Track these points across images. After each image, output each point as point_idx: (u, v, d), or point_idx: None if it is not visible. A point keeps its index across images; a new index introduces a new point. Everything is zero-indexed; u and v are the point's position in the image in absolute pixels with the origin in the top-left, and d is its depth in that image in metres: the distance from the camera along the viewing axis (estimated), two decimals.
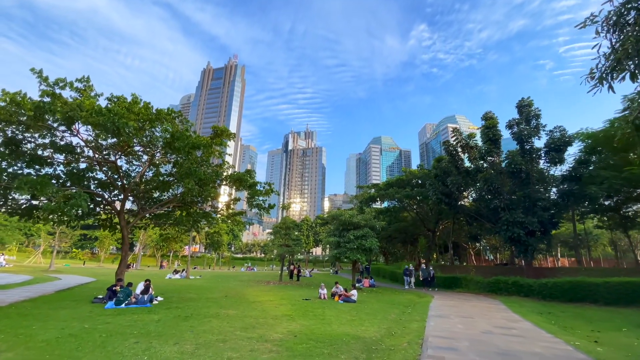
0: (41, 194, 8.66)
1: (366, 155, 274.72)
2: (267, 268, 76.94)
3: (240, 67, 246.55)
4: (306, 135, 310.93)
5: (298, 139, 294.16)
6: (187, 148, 11.46)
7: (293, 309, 12.93)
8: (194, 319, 10.01)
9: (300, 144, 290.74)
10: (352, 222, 21.73)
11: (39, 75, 9.61)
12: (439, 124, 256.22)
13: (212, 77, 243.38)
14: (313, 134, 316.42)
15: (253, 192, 14.63)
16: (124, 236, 14.61)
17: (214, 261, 74.99)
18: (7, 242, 47.47)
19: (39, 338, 6.88)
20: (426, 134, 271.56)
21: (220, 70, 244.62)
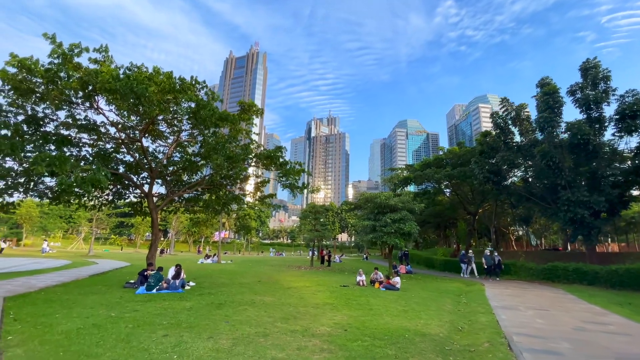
0: (59, 170, 7.83)
1: (391, 139, 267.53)
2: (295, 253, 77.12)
3: (262, 55, 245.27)
4: (329, 121, 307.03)
5: (321, 125, 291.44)
6: (213, 119, 10.35)
7: (332, 296, 11.78)
8: (228, 307, 9.05)
9: (323, 130, 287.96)
10: (388, 204, 20.08)
11: (52, 42, 8.74)
12: (469, 105, 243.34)
13: (234, 67, 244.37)
14: (336, 120, 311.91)
15: (285, 171, 13.41)
16: (153, 219, 13.99)
17: (243, 247, 76.19)
18: (50, 230, 50.27)
19: (58, 329, 6.06)
20: (455, 116, 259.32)
21: (243, 59, 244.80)
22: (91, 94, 10.24)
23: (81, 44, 9.09)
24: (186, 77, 11.16)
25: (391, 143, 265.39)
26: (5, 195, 11.82)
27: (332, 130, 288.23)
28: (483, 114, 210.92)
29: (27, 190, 12.41)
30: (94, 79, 9.02)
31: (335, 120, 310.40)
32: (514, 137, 21.79)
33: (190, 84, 10.83)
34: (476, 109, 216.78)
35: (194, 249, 69.07)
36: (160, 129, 15.05)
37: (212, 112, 10.21)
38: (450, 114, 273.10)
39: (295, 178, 13.91)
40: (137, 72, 9.63)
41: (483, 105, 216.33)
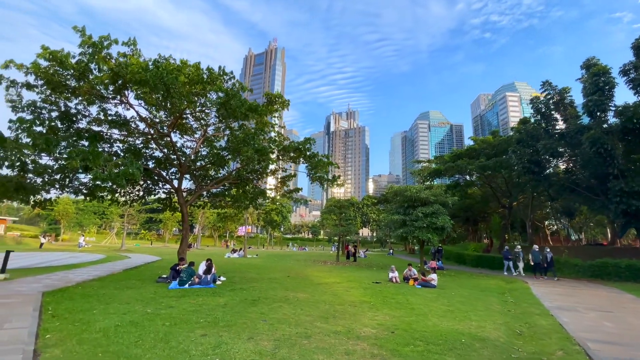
0: (93, 164, 7.72)
1: (412, 132, 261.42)
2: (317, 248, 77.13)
3: (280, 50, 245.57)
4: (348, 115, 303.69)
5: (340, 119, 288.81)
6: (243, 109, 9.99)
7: (367, 293, 11.25)
8: (263, 304, 8.72)
9: (342, 124, 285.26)
10: (419, 197, 19.21)
11: (82, 34, 8.64)
12: (495, 94, 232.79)
13: (253, 64, 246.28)
14: (355, 114, 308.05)
15: (314, 163, 12.91)
16: (184, 214, 13.96)
17: (267, 241, 77.06)
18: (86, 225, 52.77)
19: (96, 326, 5.88)
20: (480, 106, 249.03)
21: (261, 56, 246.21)
22: (121, 88, 10.16)
23: (110, 36, 8.96)
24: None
25: (412, 136, 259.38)
26: (43, 192, 12.06)
27: (351, 124, 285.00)
28: (511, 102, 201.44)
29: (62, 186, 12.63)
30: (124, 69, 8.88)
31: (355, 114, 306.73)
32: (557, 123, 20.15)
33: (217, 75, 10.53)
34: (503, 98, 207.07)
35: (220, 243, 70.58)
36: (187, 124, 14.98)
37: (242, 102, 9.84)
38: (474, 104, 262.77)
39: (325, 170, 13.40)
40: (165, 63, 9.41)
41: (510, 94, 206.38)
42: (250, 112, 10.42)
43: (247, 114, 10.43)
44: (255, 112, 10.64)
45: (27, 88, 9.62)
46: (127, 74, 8.90)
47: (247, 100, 10.36)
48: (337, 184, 14.04)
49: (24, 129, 8.19)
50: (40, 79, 9.19)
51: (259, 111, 10.81)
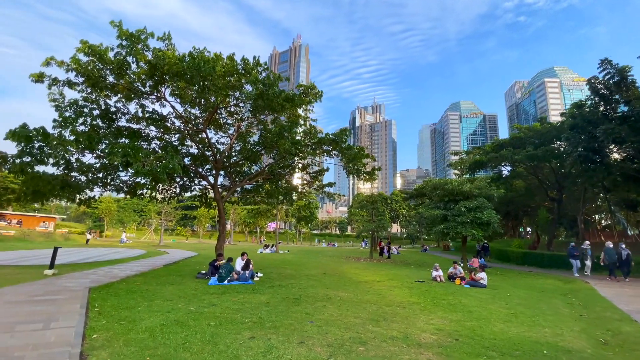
0: (134, 159, 7.62)
1: (442, 124, 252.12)
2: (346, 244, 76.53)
3: (304, 47, 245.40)
4: (373, 109, 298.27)
5: (365, 114, 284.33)
6: (280, 99, 9.57)
7: (413, 293, 10.51)
8: (305, 303, 8.29)
9: (368, 119, 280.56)
10: (461, 191, 18.00)
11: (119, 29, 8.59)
12: (532, 80, 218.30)
13: (278, 62, 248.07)
14: (381, 107, 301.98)
15: (352, 155, 12.27)
16: (220, 210, 13.90)
17: (296, 237, 77.59)
18: (126, 222, 55.69)
19: (142, 325, 5.68)
20: (515, 94, 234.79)
21: (286, 53, 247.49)
22: (158, 83, 10.11)
23: (146, 29, 8.86)
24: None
25: (442, 128, 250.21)
26: (87, 190, 12.40)
27: (377, 118, 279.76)
28: (550, 89, 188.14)
29: (105, 184, 12.95)
30: (162, 61, 8.75)
31: (380, 108, 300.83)
32: (618, 106, 18.02)
33: (252, 66, 10.18)
34: (541, 85, 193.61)
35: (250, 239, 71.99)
36: (220, 121, 14.91)
37: (279, 92, 9.44)
38: (509, 92, 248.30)
39: (362, 163, 12.73)
40: (201, 54, 9.19)
41: (550, 80, 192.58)
42: (286, 102, 9.98)
43: (284, 104, 10.00)
44: (291, 102, 10.19)
45: (69, 86, 9.81)
46: (164, 66, 8.76)
47: (284, 90, 9.94)
48: (374, 177, 13.30)
49: (66, 125, 8.29)
50: (80, 75, 9.32)
51: (295, 101, 10.35)
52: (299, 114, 13.92)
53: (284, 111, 10.58)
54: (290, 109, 10.80)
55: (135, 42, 8.49)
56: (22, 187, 9.71)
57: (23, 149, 7.14)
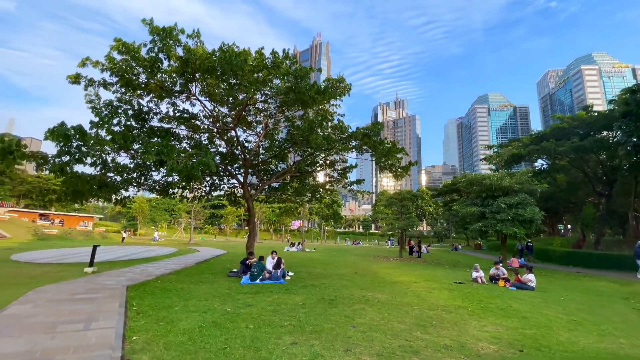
0: (167, 158, 7.53)
1: (469, 118, 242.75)
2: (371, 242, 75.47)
3: (325, 45, 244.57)
4: (396, 104, 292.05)
5: (388, 110, 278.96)
6: (312, 92, 9.20)
7: (455, 296, 9.84)
8: (342, 305, 7.88)
9: (390, 115, 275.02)
10: (500, 186, 16.86)
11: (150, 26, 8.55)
12: (568, 69, 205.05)
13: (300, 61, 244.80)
14: (404, 103, 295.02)
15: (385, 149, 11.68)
16: (250, 208, 13.80)
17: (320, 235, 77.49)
18: (158, 221, 57.87)
19: (180, 326, 5.50)
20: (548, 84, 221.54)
21: (306, 52, 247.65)
22: (189, 81, 10.05)
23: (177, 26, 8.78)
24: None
25: (469, 122, 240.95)
26: (122, 190, 12.66)
27: (400, 114, 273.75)
28: (588, 77, 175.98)
29: (139, 184, 13.19)
30: (193, 56, 8.66)
31: (404, 103, 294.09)
32: None
33: (282, 60, 9.87)
34: (578, 73, 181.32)
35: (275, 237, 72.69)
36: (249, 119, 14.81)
37: (311, 85, 9.09)
38: (541, 82, 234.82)
39: (396, 157, 12.10)
40: (230, 48, 8.99)
41: (587, 67, 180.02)
42: (318, 95, 9.59)
43: (315, 97, 9.62)
44: (323, 94, 9.78)
45: (104, 87, 9.98)
46: (196, 60, 8.64)
47: (316, 82, 9.56)
48: (408, 173, 12.63)
49: (102, 124, 8.38)
50: (114, 75, 9.43)
51: (326, 94, 9.92)
52: (327, 109, 13.51)
53: (315, 104, 10.18)
54: (320, 103, 10.39)
55: (167, 37, 8.42)
56: (63, 187, 9.98)
57: (62, 148, 7.26)
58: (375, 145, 11.52)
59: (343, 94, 12.26)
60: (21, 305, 6.15)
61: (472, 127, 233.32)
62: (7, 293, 7.35)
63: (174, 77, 10.23)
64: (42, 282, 8.89)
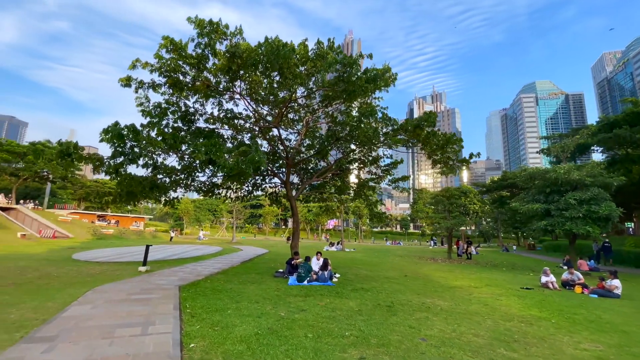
0: (216, 157, 7.34)
1: (515, 109, 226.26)
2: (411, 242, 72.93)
3: (356, 42, 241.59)
4: (433, 98, 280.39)
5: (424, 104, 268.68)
6: (362, 81, 8.59)
7: (528, 304, 8.71)
8: (402, 312, 7.17)
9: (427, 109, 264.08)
10: (568, 180, 14.99)
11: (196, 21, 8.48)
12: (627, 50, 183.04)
13: None
14: (441, 96, 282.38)
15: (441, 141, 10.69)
16: (293, 207, 13.50)
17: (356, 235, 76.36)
18: (202, 221, 60.51)
19: (236, 333, 5.17)
20: (605, 68, 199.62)
21: None
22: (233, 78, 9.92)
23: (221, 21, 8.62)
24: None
25: (515, 113, 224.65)
26: (171, 191, 12.94)
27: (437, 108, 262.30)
28: None
29: (186, 185, 13.41)
30: (240, 49, 8.46)
31: (441, 96, 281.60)
32: None
33: (326, 51, 9.36)
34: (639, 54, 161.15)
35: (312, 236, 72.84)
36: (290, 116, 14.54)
37: (363, 71, 8.49)
38: (596, 66, 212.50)
39: (454, 148, 11.06)
40: (276, 39, 8.67)
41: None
42: (368, 83, 8.95)
43: (365, 86, 8.98)
44: (373, 83, 9.11)
45: (153, 89, 10.16)
46: (243, 53, 8.42)
47: (368, 68, 8.91)
48: (467, 166, 11.50)
49: (153, 125, 8.47)
50: (162, 75, 9.54)
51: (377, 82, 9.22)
52: (370, 103, 12.79)
53: (363, 95, 9.53)
54: (368, 93, 9.69)
55: (213, 31, 8.28)
56: (118, 189, 10.31)
57: (116, 149, 7.37)
58: (428, 137, 10.58)
59: (388, 84, 11.48)
60: (81, 306, 6.22)
61: (517, 119, 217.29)
62: (68, 292, 7.60)
63: (219, 77, 10.17)
64: (101, 281, 9.19)
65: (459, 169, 11.58)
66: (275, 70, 8.59)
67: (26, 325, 5.07)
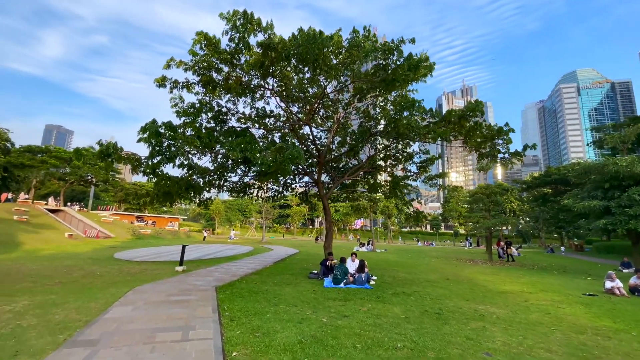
0: (251, 154, 7.09)
1: (553, 101, 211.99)
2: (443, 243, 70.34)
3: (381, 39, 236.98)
4: (463, 92, 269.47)
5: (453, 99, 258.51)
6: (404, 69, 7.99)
7: (596, 313, 7.74)
8: (454, 321, 6.52)
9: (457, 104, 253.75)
10: (632, 173, 13.40)
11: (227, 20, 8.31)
12: None
13: None
14: (472, 90, 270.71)
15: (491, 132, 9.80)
16: (325, 206, 13.12)
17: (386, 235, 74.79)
18: (233, 221, 61.91)
19: (278, 340, 4.83)
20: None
21: None
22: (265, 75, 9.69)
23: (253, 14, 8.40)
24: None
25: (553, 105, 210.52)
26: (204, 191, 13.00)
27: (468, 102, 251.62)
28: None
29: (219, 186, 13.44)
30: (274, 41, 8.21)
31: (471, 90, 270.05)
32: None
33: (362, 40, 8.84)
34: None
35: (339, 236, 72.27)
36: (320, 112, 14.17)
37: (407, 57, 7.91)
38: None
39: (506, 140, 10.10)
40: (310, 29, 8.31)
41: None
42: (410, 71, 8.34)
43: (407, 74, 8.38)
44: (415, 70, 8.47)
45: (187, 89, 10.18)
46: (278, 44, 8.16)
47: (412, 54, 8.29)
48: (521, 160, 10.48)
49: (189, 124, 8.43)
50: (196, 73, 9.52)
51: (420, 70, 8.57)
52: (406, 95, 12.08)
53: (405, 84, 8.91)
54: (413, 80, 9.03)
55: (247, 22, 8.06)
56: (155, 190, 10.43)
57: (154, 148, 7.35)
58: (475, 128, 9.73)
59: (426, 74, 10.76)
60: (122, 307, 6.18)
61: (557, 111, 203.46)
62: (110, 292, 7.67)
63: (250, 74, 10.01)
64: (140, 281, 9.29)
65: (510, 164, 10.57)
66: (310, 62, 8.21)
67: (70, 327, 5.03)
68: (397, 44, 8.28)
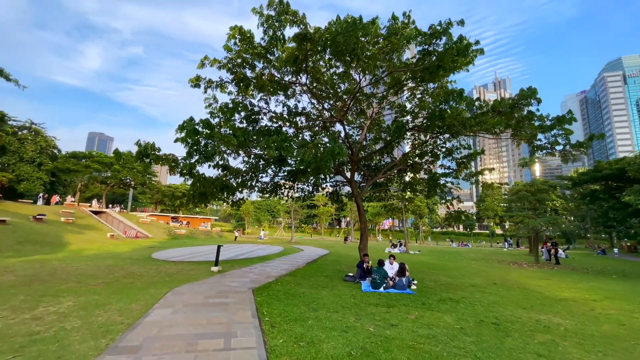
0: (287, 153, 6.80)
1: (597, 91, 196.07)
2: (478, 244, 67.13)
3: None
4: (495, 86, 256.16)
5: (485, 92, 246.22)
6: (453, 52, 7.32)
7: None
8: (516, 333, 5.83)
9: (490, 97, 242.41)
10: None
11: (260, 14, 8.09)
12: None
13: None
14: (505, 82, 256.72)
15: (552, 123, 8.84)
16: (359, 206, 12.60)
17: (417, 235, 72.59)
18: (262, 221, 62.80)
19: (325, 351, 4.46)
20: None
21: None
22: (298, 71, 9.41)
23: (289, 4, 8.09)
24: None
25: (597, 96, 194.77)
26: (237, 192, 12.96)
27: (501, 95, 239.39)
28: None
29: (251, 187, 13.36)
30: (310, 31, 7.89)
31: (505, 83, 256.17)
32: None
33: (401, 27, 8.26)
34: None
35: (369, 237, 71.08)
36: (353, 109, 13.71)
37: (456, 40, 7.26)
38: None
39: (567, 130, 9.09)
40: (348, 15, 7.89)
41: None
42: (458, 56, 7.66)
43: (456, 59, 7.71)
44: (464, 56, 7.78)
45: (221, 89, 10.13)
46: (315, 33, 7.82)
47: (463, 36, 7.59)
48: (585, 151, 9.40)
49: (226, 122, 8.32)
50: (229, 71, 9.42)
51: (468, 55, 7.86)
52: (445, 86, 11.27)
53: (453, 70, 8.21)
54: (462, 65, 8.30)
55: (283, 12, 7.78)
56: (190, 190, 10.46)
57: (191, 147, 7.27)
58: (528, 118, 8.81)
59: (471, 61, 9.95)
60: (162, 310, 6.07)
61: (601, 101, 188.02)
62: (150, 293, 7.66)
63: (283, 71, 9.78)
64: (178, 282, 9.30)
65: (572, 157, 9.49)
66: (348, 53, 7.75)
67: (112, 330, 4.94)
68: (445, 26, 7.60)
